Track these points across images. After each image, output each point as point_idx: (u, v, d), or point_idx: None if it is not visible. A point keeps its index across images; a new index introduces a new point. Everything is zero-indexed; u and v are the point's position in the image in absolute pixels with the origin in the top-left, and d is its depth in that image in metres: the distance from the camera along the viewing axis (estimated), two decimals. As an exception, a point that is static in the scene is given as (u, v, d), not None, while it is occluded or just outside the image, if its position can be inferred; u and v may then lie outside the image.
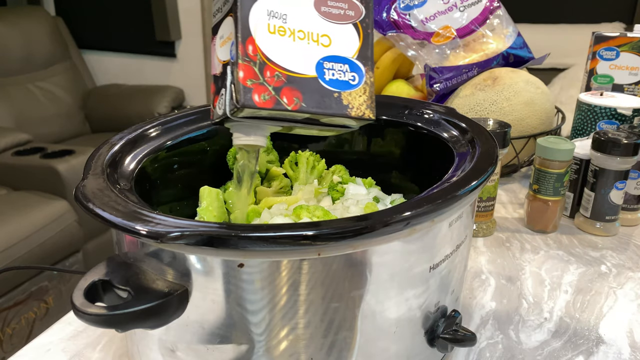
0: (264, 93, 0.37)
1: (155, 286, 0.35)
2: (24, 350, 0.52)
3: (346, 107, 0.39)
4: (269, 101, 0.37)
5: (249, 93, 0.36)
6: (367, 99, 0.40)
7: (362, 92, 0.40)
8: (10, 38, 2.43)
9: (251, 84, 0.37)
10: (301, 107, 0.38)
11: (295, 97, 0.38)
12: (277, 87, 0.37)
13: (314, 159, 0.58)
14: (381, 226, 0.33)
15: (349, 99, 0.39)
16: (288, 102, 0.37)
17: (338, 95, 0.39)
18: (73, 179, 1.80)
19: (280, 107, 0.37)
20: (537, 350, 0.52)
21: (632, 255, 0.69)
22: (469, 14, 0.91)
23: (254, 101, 0.36)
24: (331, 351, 0.38)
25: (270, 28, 0.38)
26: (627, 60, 0.89)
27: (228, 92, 0.38)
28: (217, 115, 0.40)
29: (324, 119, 0.40)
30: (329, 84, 0.39)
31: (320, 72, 0.39)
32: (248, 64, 0.37)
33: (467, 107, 0.85)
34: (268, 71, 0.37)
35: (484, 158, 0.43)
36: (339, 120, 0.40)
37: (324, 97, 0.38)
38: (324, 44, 0.39)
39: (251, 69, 0.37)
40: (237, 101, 0.37)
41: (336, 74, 0.39)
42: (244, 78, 0.36)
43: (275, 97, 0.37)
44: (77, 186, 0.39)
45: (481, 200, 0.71)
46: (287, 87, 0.37)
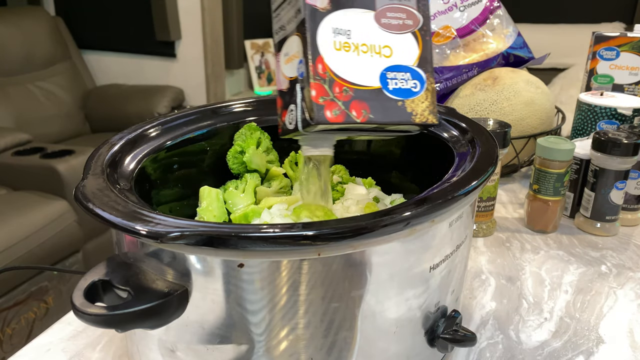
0: (335, 109, 0.39)
1: (155, 286, 0.35)
2: (24, 350, 0.52)
3: (410, 114, 0.41)
4: (340, 116, 0.39)
5: (322, 110, 0.38)
6: (429, 105, 0.41)
7: (425, 99, 0.41)
8: (10, 38, 2.43)
9: (323, 101, 0.39)
10: (369, 119, 0.40)
11: (363, 109, 0.39)
12: (346, 101, 0.39)
13: (314, 159, 0.58)
14: (381, 226, 0.33)
15: (412, 106, 0.41)
16: (357, 114, 0.39)
17: (402, 103, 0.41)
18: (73, 179, 1.80)
19: (350, 120, 0.39)
20: (537, 350, 0.52)
21: (632, 255, 0.69)
22: (469, 14, 0.91)
23: (327, 117, 0.39)
24: (331, 351, 0.38)
25: (336, 45, 0.40)
26: (627, 60, 0.89)
27: (299, 109, 0.40)
28: (287, 129, 0.42)
29: (389, 127, 0.41)
30: (393, 93, 0.40)
31: (384, 82, 0.40)
32: (319, 82, 0.39)
33: (467, 107, 0.85)
34: (337, 87, 0.39)
35: (484, 158, 0.43)
36: (404, 127, 0.42)
37: (389, 107, 0.40)
38: (386, 54, 0.41)
39: (322, 87, 0.39)
40: (310, 118, 0.39)
41: (399, 83, 0.41)
42: (316, 96, 0.38)
43: (345, 112, 0.39)
44: (77, 186, 0.39)
45: (481, 200, 0.71)
46: (355, 101, 0.39)
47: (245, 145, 0.55)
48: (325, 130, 0.41)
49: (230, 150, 0.56)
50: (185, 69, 2.79)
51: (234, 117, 0.57)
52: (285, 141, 0.59)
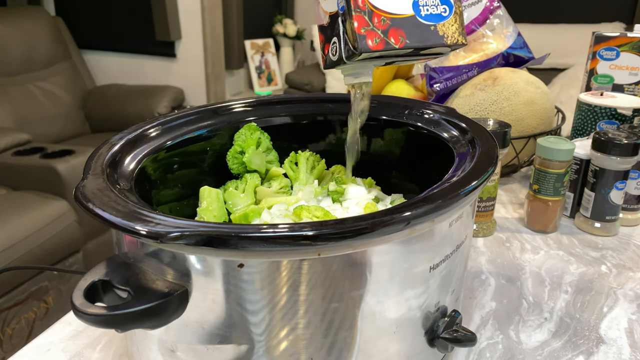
0: (376, 37, 0.43)
1: (155, 286, 0.35)
2: (24, 350, 0.52)
3: (442, 37, 0.45)
4: (380, 43, 0.43)
5: (364, 40, 0.42)
6: (458, 27, 0.46)
7: (454, 22, 0.46)
8: (10, 38, 2.43)
9: (365, 32, 0.43)
10: (406, 44, 0.44)
11: (400, 36, 0.44)
12: (384, 30, 0.43)
13: (314, 159, 0.58)
14: (381, 226, 0.33)
15: (444, 30, 0.45)
16: (395, 41, 0.43)
17: (434, 27, 0.45)
18: (73, 179, 1.80)
19: (389, 47, 0.43)
20: (537, 350, 0.52)
21: (632, 255, 0.69)
22: (469, 14, 0.91)
23: (369, 46, 0.43)
24: (331, 351, 0.38)
25: None
26: (627, 60, 0.89)
27: (342, 41, 0.44)
28: (331, 60, 0.46)
29: (424, 50, 0.46)
30: (425, 19, 0.45)
31: (417, 9, 0.45)
32: (360, 14, 0.43)
33: (467, 107, 0.85)
34: (375, 17, 0.43)
35: (484, 158, 0.43)
36: (437, 49, 0.46)
37: (423, 32, 0.44)
38: None
39: (363, 18, 0.43)
40: (354, 48, 0.43)
41: (430, 9, 0.45)
42: (358, 27, 0.42)
43: (384, 39, 0.43)
44: (77, 186, 0.39)
45: (481, 200, 0.71)
46: (393, 28, 0.43)
47: (245, 146, 0.55)
48: (366, 59, 0.45)
49: (230, 150, 0.56)
50: (185, 69, 2.80)
51: (234, 117, 0.57)
52: (285, 141, 0.60)
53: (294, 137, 0.60)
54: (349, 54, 0.44)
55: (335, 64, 0.46)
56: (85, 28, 2.88)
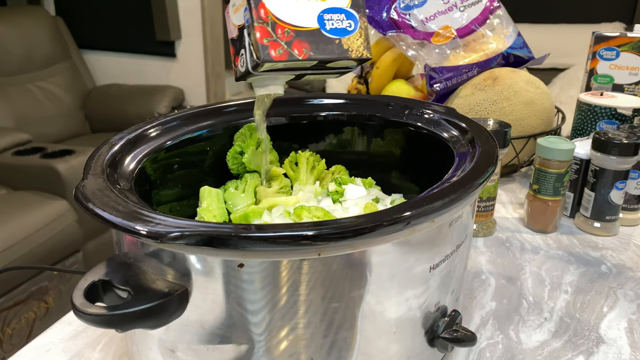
0: (279, 48, 0.44)
1: (155, 286, 0.35)
2: (24, 350, 0.52)
3: (347, 50, 0.46)
4: (283, 54, 0.44)
5: (267, 50, 0.43)
6: (363, 42, 0.47)
7: (359, 36, 0.46)
8: (10, 38, 2.43)
9: (267, 42, 0.43)
10: (310, 56, 0.45)
11: (304, 47, 0.44)
12: (288, 41, 0.44)
13: (314, 159, 0.58)
14: (381, 226, 0.33)
15: (348, 44, 0.46)
16: (299, 52, 0.44)
17: (339, 41, 0.46)
18: (73, 179, 1.80)
19: (293, 57, 0.44)
20: (537, 350, 0.52)
21: (632, 255, 0.69)
22: (469, 14, 0.91)
23: (271, 56, 0.43)
24: (331, 351, 0.38)
25: None
26: (627, 60, 0.89)
27: (248, 51, 0.45)
28: (240, 72, 0.46)
29: (329, 64, 0.46)
30: (330, 32, 0.45)
31: (322, 23, 0.45)
32: (262, 25, 0.43)
33: (467, 107, 0.85)
34: (279, 29, 0.44)
35: (484, 158, 0.43)
36: (342, 63, 0.47)
37: (327, 45, 0.45)
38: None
39: (265, 29, 0.43)
40: (257, 58, 0.43)
41: (335, 23, 0.46)
42: (260, 37, 0.43)
43: (288, 50, 0.44)
44: (77, 186, 0.39)
45: (481, 200, 0.71)
46: (297, 40, 0.44)
47: (245, 146, 0.55)
48: (272, 70, 0.45)
49: (229, 150, 0.56)
50: (185, 69, 2.79)
51: (234, 117, 0.57)
52: (285, 141, 0.59)
53: (294, 137, 0.60)
54: (254, 65, 0.44)
55: (244, 75, 0.46)
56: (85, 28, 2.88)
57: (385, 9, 0.91)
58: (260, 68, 0.44)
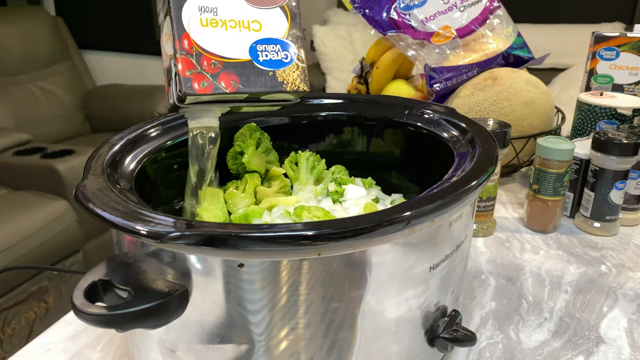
0: (203, 80, 0.41)
1: (155, 286, 0.35)
2: (24, 350, 0.52)
3: (281, 83, 0.43)
4: (208, 87, 0.41)
5: (189, 82, 0.41)
6: (300, 74, 0.44)
7: (295, 69, 0.44)
8: (10, 38, 2.43)
9: (190, 74, 0.41)
10: (238, 89, 0.42)
11: (232, 80, 0.42)
12: (214, 73, 0.42)
13: (314, 159, 0.58)
14: (381, 226, 0.33)
15: (284, 76, 0.43)
16: (226, 85, 0.42)
17: (273, 73, 0.43)
18: (73, 179, 1.80)
19: (219, 90, 0.42)
20: (537, 350, 0.52)
21: (632, 255, 0.69)
22: (469, 14, 0.91)
23: (194, 89, 0.41)
24: (331, 351, 0.38)
25: (203, 22, 0.42)
26: (627, 60, 0.89)
27: (174, 83, 0.42)
28: (170, 104, 0.44)
29: (263, 96, 0.44)
30: (263, 64, 0.43)
31: (254, 54, 0.43)
32: (186, 57, 0.41)
33: (467, 107, 0.85)
34: (205, 60, 0.41)
35: (484, 158, 0.43)
36: (277, 96, 0.44)
37: (259, 77, 0.43)
38: (255, 29, 0.43)
39: (189, 61, 0.41)
40: (179, 91, 0.41)
41: (269, 55, 0.43)
42: (182, 70, 0.41)
43: (213, 83, 0.41)
44: (77, 186, 0.39)
45: (481, 200, 0.71)
46: (224, 72, 0.42)
47: (245, 146, 0.55)
48: (200, 103, 0.43)
49: (229, 150, 0.56)
50: (185, 69, 2.79)
51: (234, 117, 0.57)
52: (285, 141, 0.59)
53: (294, 137, 0.60)
54: (178, 98, 0.42)
55: (174, 107, 0.44)
56: (85, 28, 2.88)
57: (385, 9, 0.91)
58: (186, 101, 0.42)
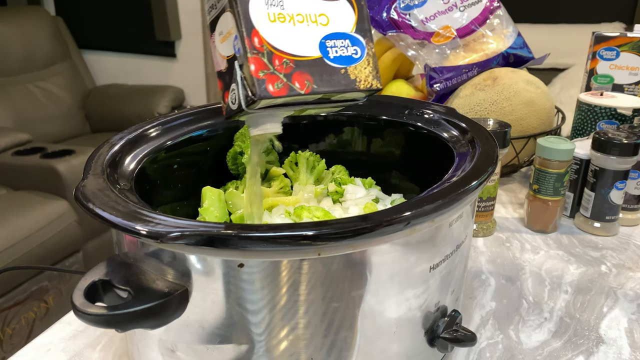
0: (277, 82, 0.38)
1: (155, 286, 0.35)
2: (24, 350, 0.52)
3: (354, 81, 0.40)
4: (283, 89, 0.38)
5: (263, 84, 0.37)
6: (372, 70, 0.41)
7: (367, 64, 0.41)
8: (10, 38, 2.43)
9: (263, 75, 0.37)
10: (313, 90, 0.39)
11: (306, 80, 0.39)
12: (287, 73, 0.38)
13: (314, 159, 0.58)
14: (381, 226, 0.33)
15: (355, 73, 0.40)
16: (300, 86, 0.38)
17: (345, 71, 0.40)
18: (73, 179, 1.80)
19: (293, 92, 0.38)
20: (537, 350, 0.52)
21: (632, 255, 0.69)
22: (469, 14, 0.91)
23: (269, 91, 0.37)
24: (331, 351, 0.38)
25: (270, 17, 0.38)
26: (627, 60, 0.89)
27: (240, 86, 0.38)
28: (231, 110, 0.40)
29: (335, 97, 0.41)
30: (334, 61, 0.40)
31: (324, 51, 0.40)
32: (257, 56, 0.37)
33: (467, 107, 0.85)
34: (276, 59, 0.38)
35: (484, 158, 0.43)
36: (349, 95, 0.41)
37: (332, 76, 0.39)
38: (323, 23, 0.40)
39: (261, 61, 0.37)
40: (253, 94, 0.37)
41: (339, 51, 0.40)
42: (255, 70, 0.37)
43: (288, 84, 0.38)
44: (77, 186, 0.39)
45: (481, 200, 0.71)
46: (297, 72, 0.38)
47: (245, 146, 0.55)
48: (270, 107, 0.39)
49: (229, 150, 0.56)
50: (185, 69, 2.79)
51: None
52: (285, 141, 0.59)
53: (294, 137, 0.60)
54: (248, 102, 0.38)
55: (236, 113, 0.40)
56: (85, 28, 2.88)
57: (385, 9, 0.91)
58: (256, 105, 0.38)
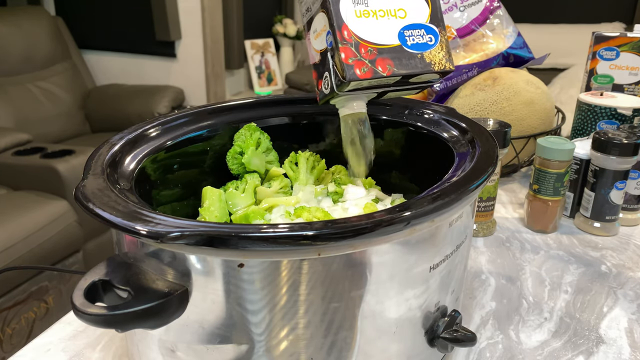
0: (363, 66, 0.45)
1: (155, 286, 0.35)
2: (24, 350, 0.52)
3: (430, 64, 0.47)
4: (368, 72, 0.45)
5: (352, 69, 0.45)
6: (445, 54, 0.48)
7: (440, 49, 0.48)
8: (10, 38, 2.43)
9: (352, 62, 0.45)
10: (393, 72, 0.46)
11: (387, 64, 0.46)
12: (371, 59, 0.46)
13: (313, 159, 0.58)
14: (381, 226, 0.33)
15: (430, 57, 0.47)
16: (382, 69, 0.46)
17: (421, 56, 0.47)
18: (73, 179, 1.80)
19: (377, 75, 0.46)
20: (537, 350, 0.52)
21: (632, 255, 0.69)
22: (469, 14, 0.91)
23: (357, 74, 0.45)
24: (331, 351, 0.38)
25: (357, 13, 0.46)
26: (627, 60, 0.89)
27: (332, 73, 0.46)
28: (324, 94, 0.48)
29: (412, 79, 0.48)
30: (412, 48, 0.47)
31: (403, 40, 0.47)
32: (346, 46, 0.45)
33: (467, 107, 0.85)
34: (362, 48, 0.46)
35: (484, 158, 0.43)
36: (425, 77, 0.48)
37: (410, 60, 0.47)
38: (401, 16, 0.48)
39: (350, 49, 0.45)
40: (343, 77, 0.45)
41: (416, 39, 0.47)
42: (345, 58, 0.45)
43: (372, 68, 0.46)
44: (77, 186, 0.39)
45: (481, 200, 0.71)
46: (380, 58, 0.46)
47: (245, 146, 0.55)
48: (356, 89, 0.47)
49: (229, 150, 0.56)
50: (185, 69, 2.79)
51: (234, 117, 0.57)
52: (285, 141, 0.59)
53: (294, 137, 0.60)
54: (339, 84, 0.46)
55: (328, 96, 0.48)
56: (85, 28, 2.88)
57: (385, 9, 0.91)
58: (346, 87, 0.46)
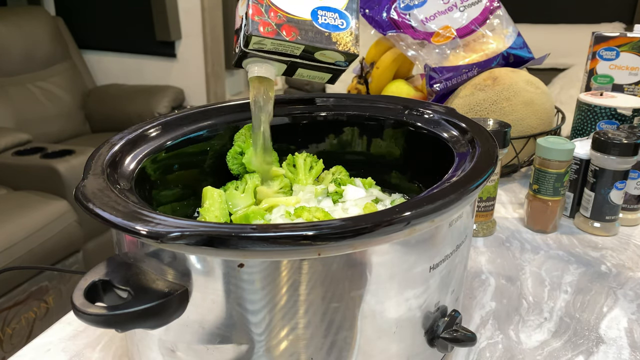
0: (268, 27, 0.48)
1: (155, 286, 0.35)
2: (24, 350, 0.52)
3: (335, 43, 0.49)
4: (271, 32, 0.48)
5: (257, 25, 0.47)
6: (352, 40, 0.50)
7: (349, 35, 0.50)
8: (10, 38, 2.43)
9: (258, 19, 0.47)
10: (297, 40, 0.48)
11: (293, 32, 0.48)
12: (278, 23, 0.48)
13: (311, 160, 0.58)
14: (381, 226, 0.33)
15: (337, 38, 0.49)
16: (287, 34, 0.48)
17: (328, 34, 0.49)
18: (73, 179, 1.80)
19: (280, 37, 0.48)
20: (537, 350, 0.52)
21: (632, 255, 0.69)
22: (469, 14, 0.91)
23: (260, 31, 0.47)
24: (331, 351, 0.38)
25: None
26: (627, 60, 0.89)
27: (242, 32, 0.48)
28: (236, 54, 0.50)
29: (317, 54, 0.49)
30: (322, 25, 0.49)
31: (315, 17, 0.49)
32: (256, 5, 0.48)
33: (467, 107, 0.85)
34: (272, 12, 0.48)
35: (484, 158, 0.43)
36: (330, 55, 0.49)
37: (316, 35, 0.49)
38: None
39: (259, 9, 0.48)
40: (247, 32, 0.47)
41: (328, 19, 0.49)
42: (252, 14, 0.47)
43: (276, 30, 0.48)
44: (77, 186, 0.39)
45: (481, 200, 0.71)
46: (287, 25, 0.48)
47: (245, 146, 0.55)
48: (263, 51, 0.49)
49: (230, 151, 0.56)
50: (185, 69, 2.79)
51: (234, 117, 0.57)
52: (285, 141, 0.60)
53: (293, 137, 0.60)
54: (245, 41, 0.48)
55: (239, 56, 0.50)
56: (85, 28, 2.88)
57: (385, 9, 0.91)
58: (250, 43, 0.47)
